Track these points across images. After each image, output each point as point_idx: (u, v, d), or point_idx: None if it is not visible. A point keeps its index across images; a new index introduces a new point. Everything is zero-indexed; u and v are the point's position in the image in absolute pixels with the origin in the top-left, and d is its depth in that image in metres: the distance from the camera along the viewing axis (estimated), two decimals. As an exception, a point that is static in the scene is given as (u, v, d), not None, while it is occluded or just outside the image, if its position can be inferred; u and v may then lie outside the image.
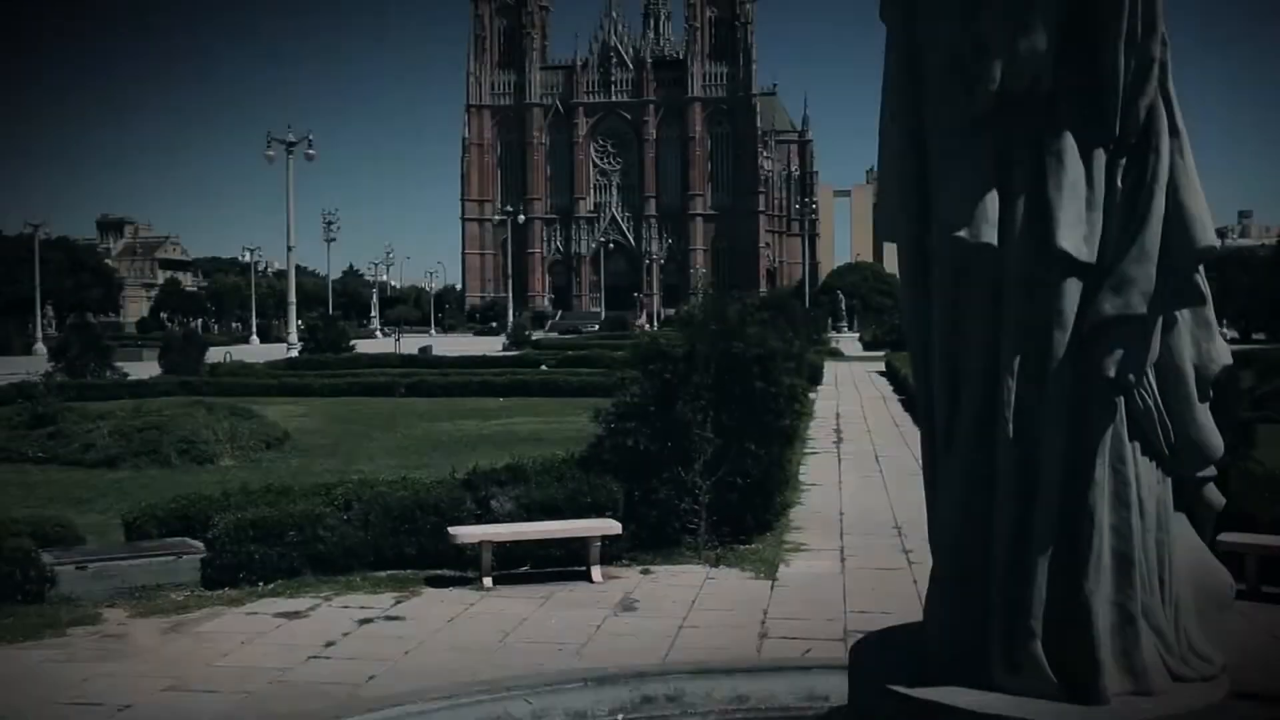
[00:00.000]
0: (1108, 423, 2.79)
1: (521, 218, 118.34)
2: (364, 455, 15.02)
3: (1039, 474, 2.83)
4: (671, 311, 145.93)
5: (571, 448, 15.44)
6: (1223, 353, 2.99)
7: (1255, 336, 73.68)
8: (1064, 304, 2.69)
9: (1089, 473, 2.78)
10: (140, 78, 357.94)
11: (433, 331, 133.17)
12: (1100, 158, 2.59)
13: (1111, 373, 2.74)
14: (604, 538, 8.15)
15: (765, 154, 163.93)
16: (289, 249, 40.62)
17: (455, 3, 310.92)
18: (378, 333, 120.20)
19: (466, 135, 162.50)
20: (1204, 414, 2.87)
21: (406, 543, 8.19)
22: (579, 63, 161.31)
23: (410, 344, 56.13)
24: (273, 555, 7.76)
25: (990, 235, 2.65)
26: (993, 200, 2.58)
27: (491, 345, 68.91)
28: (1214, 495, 2.96)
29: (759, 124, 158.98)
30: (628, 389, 9.02)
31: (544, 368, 36.01)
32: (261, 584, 7.74)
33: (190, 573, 7.67)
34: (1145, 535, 2.85)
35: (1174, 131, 2.73)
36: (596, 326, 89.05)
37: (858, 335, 77.21)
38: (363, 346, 51.65)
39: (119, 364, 28.24)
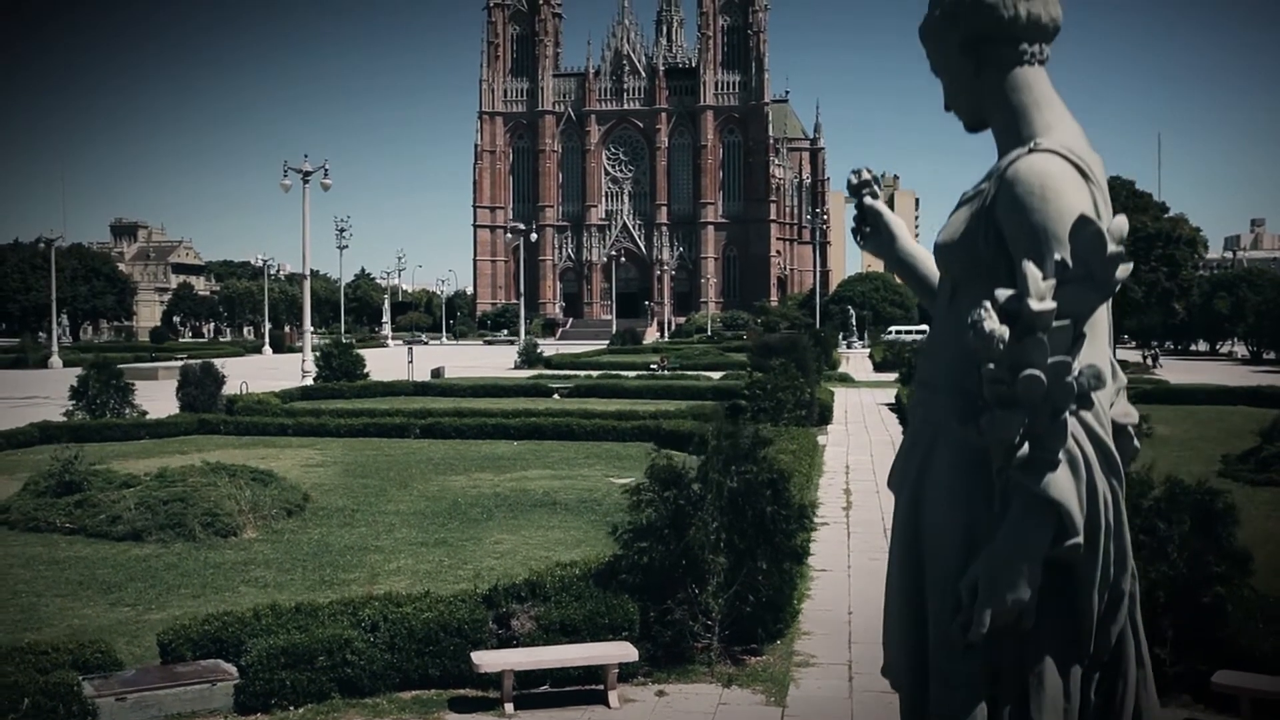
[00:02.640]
0: None
1: (534, 236, 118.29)
2: (384, 524, 15.32)
3: None
4: (683, 320, 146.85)
5: (586, 515, 15.88)
6: None
7: (1266, 356, 73.72)
8: None
9: None
10: (154, 82, 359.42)
11: (444, 339, 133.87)
12: (1076, 674, 2.89)
13: None
14: (620, 664, 8.47)
15: (777, 162, 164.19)
16: (305, 276, 40.97)
17: (469, 10, 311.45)
18: (389, 340, 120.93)
19: (479, 142, 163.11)
20: None
21: (431, 664, 8.50)
22: (591, 70, 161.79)
23: (422, 357, 56.34)
24: (303, 680, 8.06)
25: None
26: (982, 712, 2.88)
27: (503, 359, 69.29)
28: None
29: (770, 132, 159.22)
30: (643, 510, 9.31)
31: (556, 397, 36.55)
32: (292, 709, 8.05)
33: (224, 699, 7.99)
34: None
35: (1140, 662, 3.02)
36: (607, 342, 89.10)
37: (868, 351, 77.35)
38: (375, 360, 52.04)
39: (136, 387, 28.43)
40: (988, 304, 2.71)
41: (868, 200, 3.75)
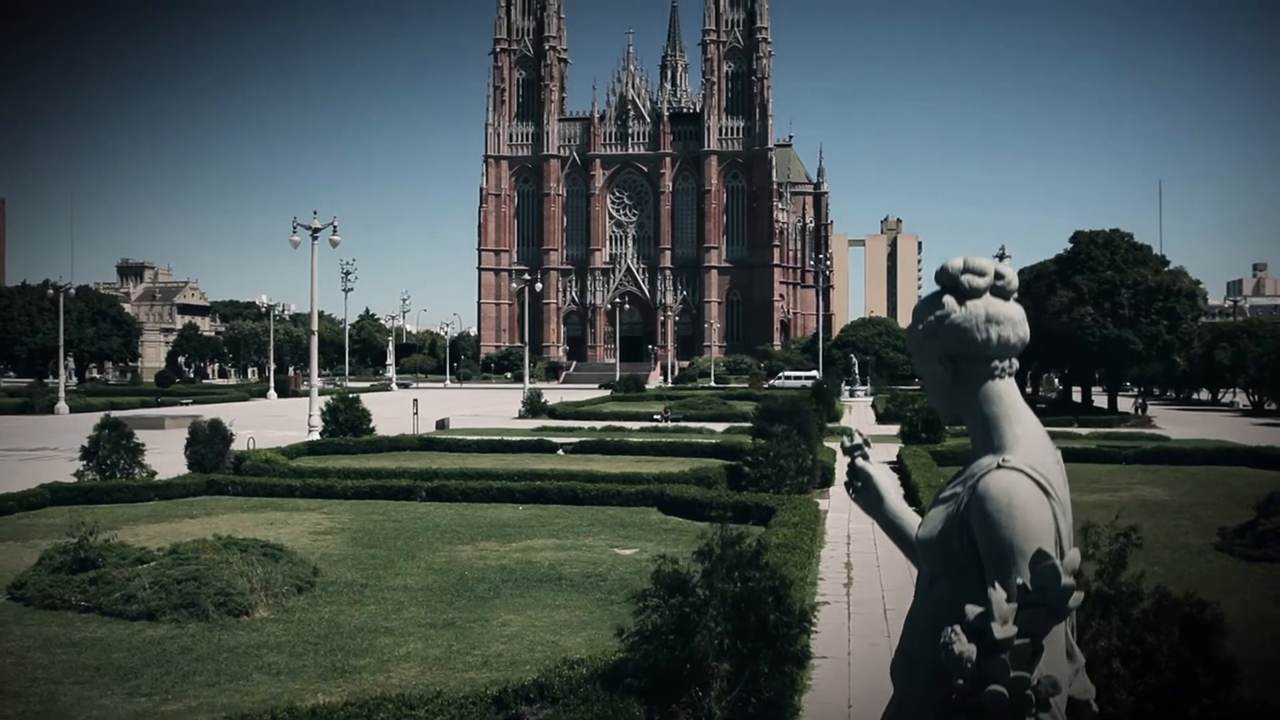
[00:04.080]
0: None
1: (539, 286, 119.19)
2: (392, 602, 15.58)
3: None
4: (686, 364, 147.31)
5: (591, 593, 16.14)
6: None
7: (1268, 407, 73.94)
8: None
9: None
10: (162, 123, 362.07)
11: (448, 381, 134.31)
12: None
13: None
14: (626, 772, 8.73)
15: (780, 206, 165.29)
16: (312, 332, 41.34)
17: (475, 56, 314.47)
18: (393, 384, 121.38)
19: (484, 185, 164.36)
20: None
21: (444, 768, 8.78)
22: (596, 115, 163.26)
23: (426, 404, 56.76)
24: (319, 786, 8.34)
25: None
26: None
27: (506, 406, 69.66)
28: None
29: (774, 176, 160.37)
30: (649, 615, 9.58)
31: (560, 453, 36.86)
32: (308, 815, 8.31)
33: (242, 805, 8.26)
34: None
35: None
36: (610, 389, 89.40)
37: (870, 400, 77.55)
38: (380, 406, 52.43)
39: (145, 446, 28.67)
40: (957, 627, 3.04)
41: (860, 462, 4.11)
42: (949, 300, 3.58)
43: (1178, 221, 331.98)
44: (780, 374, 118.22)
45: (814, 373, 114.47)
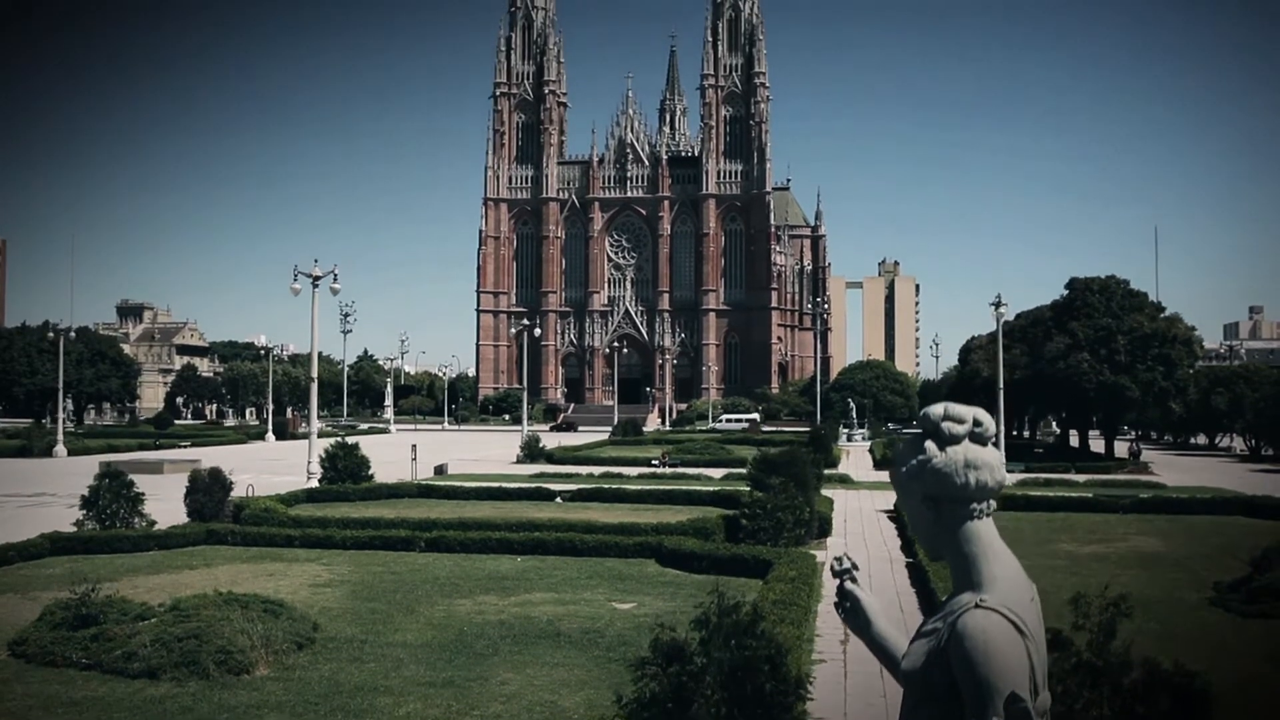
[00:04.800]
0: None
1: (538, 331, 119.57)
2: (391, 660, 15.66)
3: None
4: (684, 406, 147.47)
5: (589, 650, 16.23)
6: None
7: (1265, 452, 74.07)
8: None
9: None
10: (163, 163, 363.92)
11: (446, 423, 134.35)
12: None
13: None
14: (624, 840, 8.83)
15: (778, 249, 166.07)
16: (311, 380, 41.50)
17: (475, 98, 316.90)
18: (391, 426, 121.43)
19: (483, 228, 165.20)
20: None
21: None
22: (595, 158, 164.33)
23: (425, 447, 56.92)
24: None
25: None
26: None
27: (505, 449, 69.70)
28: None
29: (772, 219, 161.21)
30: (647, 685, 9.71)
31: (558, 500, 36.95)
32: None
33: None
34: None
35: None
36: (609, 430, 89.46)
37: (868, 444, 77.63)
38: (378, 450, 52.50)
39: (145, 495, 28.73)
40: None
41: (848, 585, 4.30)
42: (930, 445, 3.79)
43: (1174, 263, 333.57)
44: (721, 417, 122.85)
45: (754, 415, 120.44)
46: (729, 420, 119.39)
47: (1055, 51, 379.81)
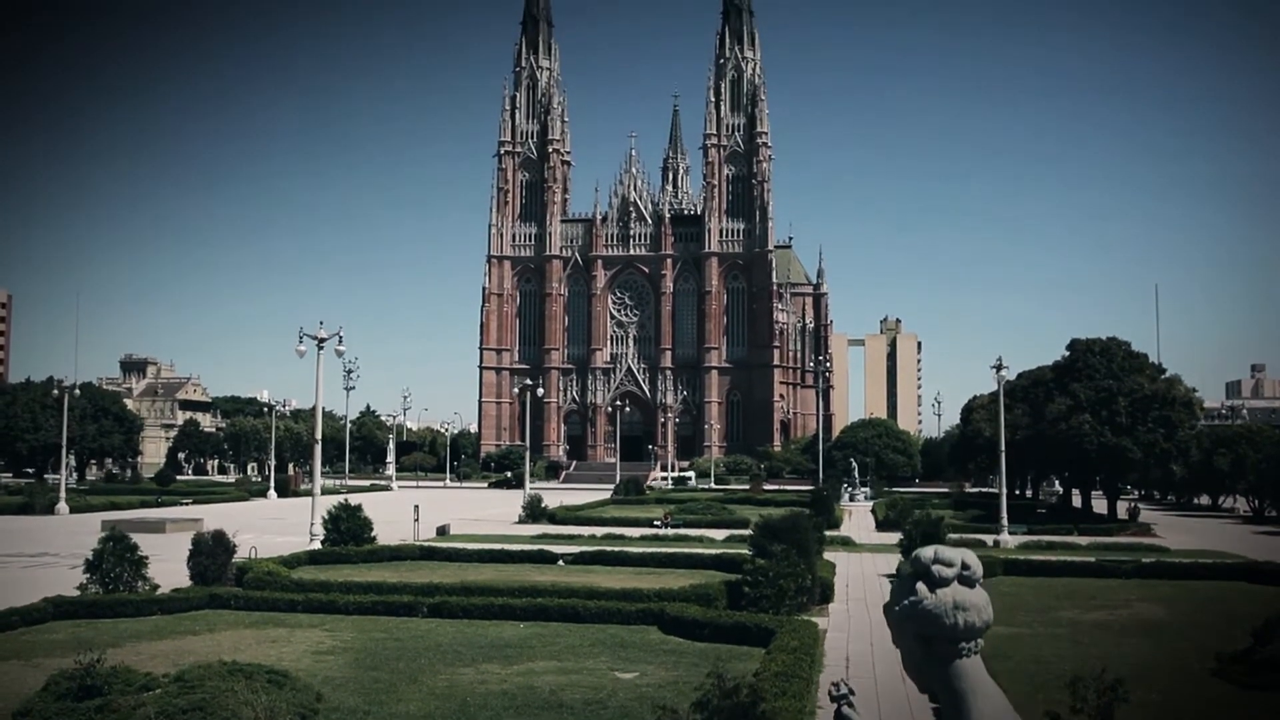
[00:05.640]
0: None
1: (540, 391, 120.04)
2: (394, 732, 15.70)
3: None
4: (686, 464, 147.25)
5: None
6: None
7: (1268, 514, 73.85)
8: None
9: None
10: (168, 218, 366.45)
11: (448, 480, 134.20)
12: None
13: None
14: None
15: (780, 307, 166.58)
16: (315, 441, 41.66)
17: (480, 156, 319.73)
18: (393, 484, 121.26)
19: (487, 285, 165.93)
20: None
21: None
22: (598, 216, 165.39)
23: (426, 506, 56.97)
24: None
25: None
26: None
27: (507, 508, 69.56)
28: None
29: (774, 277, 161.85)
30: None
31: (560, 563, 36.96)
32: None
33: None
34: None
35: None
36: (610, 492, 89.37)
37: (871, 504, 77.49)
38: (380, 508, 52.59)
39: (148, 558, 28.78)
40: None
41: (845, 710, 4.49)
42: (921, 587, 3.99)
43: (1176, 320, 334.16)
44: (660, 473, 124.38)
45: (683, 472, 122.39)
46: (668, 479, 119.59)
47: (1056, 113, 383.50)
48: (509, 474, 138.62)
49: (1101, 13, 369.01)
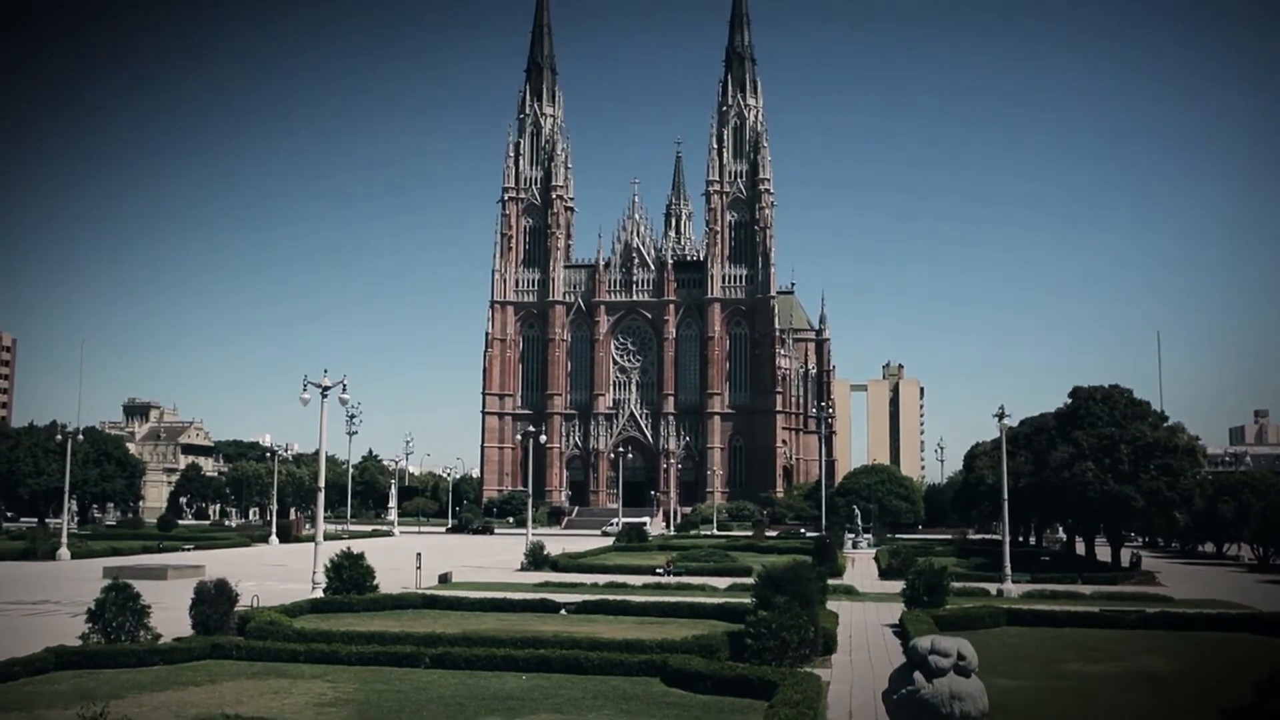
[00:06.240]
0: None
1: (544, 438, 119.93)
2: (396, 787, 15.66)
3: None
4: (688, 510, 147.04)
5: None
6: None
7: (1274, 561, 73.57)
8: None
9: None
10: (173, 264, 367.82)
11: (450, 525, 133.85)
12: None
13: None
14: None
15: (782, 353, 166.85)
16: (319, 489, 41.71)
17: (484, 202, 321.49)
18: (395, 529, 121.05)
19: (490, 330, 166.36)
20: None
21: None
22: (601, 262, 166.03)
23: (429, 553, 56.87)
24: None
25: None
26: None
27: (509, 555, 69.40)
28: None
29: (776, 323, 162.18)
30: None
31: (563, 613, 36.91)
32: None
33: None
34: None
35: None
36: (613, 539, 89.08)
37: (873, 552, 77.26)
38: (382, 556, 52.50)
39: (150, 608, 28.76)
40: None
41: None
42: (919, 676, 4.11)
43: (1178, 366, 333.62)
44: (612, 521, 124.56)
45: (636, 519, 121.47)
46: (614, 524, 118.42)
47: (1057, 160, 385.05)
48: (511, 519, 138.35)
49: (1102, 62, 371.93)
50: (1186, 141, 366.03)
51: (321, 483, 41.69)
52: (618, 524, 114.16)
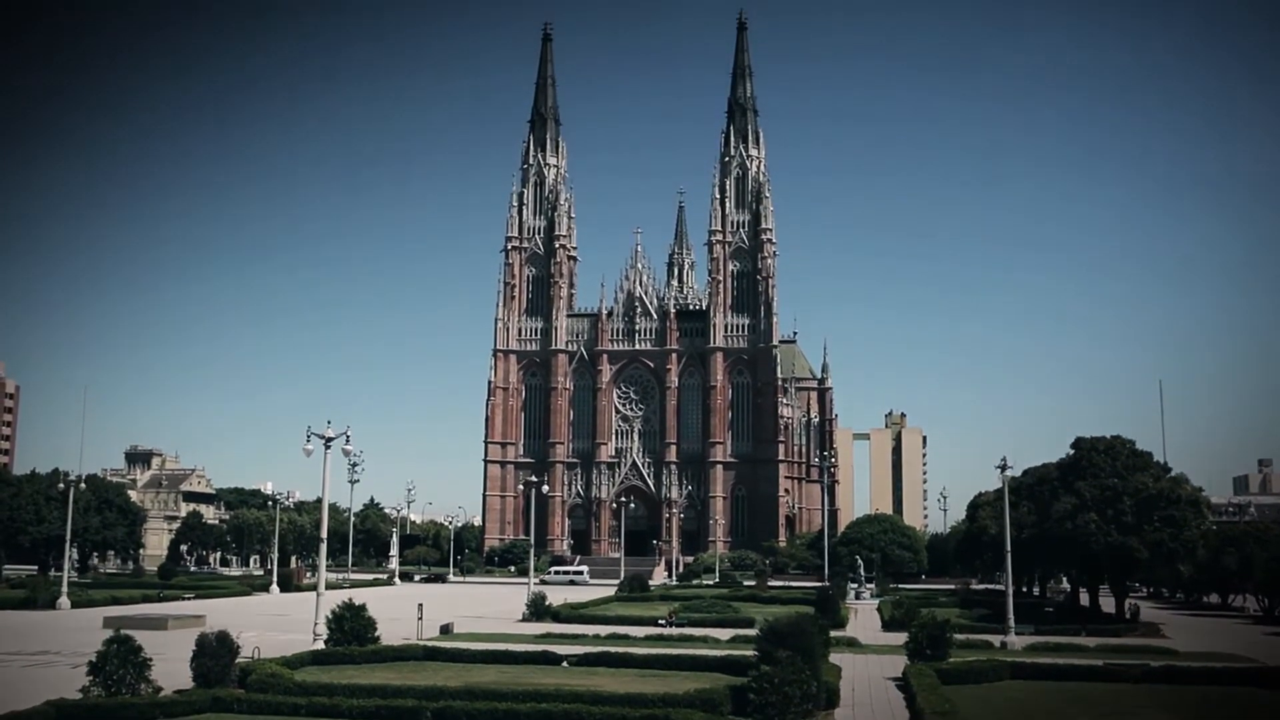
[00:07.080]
0: None
1: (546, 488, 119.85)
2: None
3: None
4: (691, 559, 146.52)
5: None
6: None
7: (1278, 614, 73.17)
8: None
9: None
10: (175, 310, 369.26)
11: (451, 574, 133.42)
12: None
13: None
14: None
15: (785, 401, 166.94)
16: (321, 539, 41.78)
17: (487, 251, 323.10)
18: (396, 578, 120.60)
19: (492, 379, 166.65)
20: None
21: None
22: (604, 311, 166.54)
23: (430, 603, 56.68)
24: None
25: None
26: None
27: (510, 604, 69.17)
28: None
29: (779, 372, 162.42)
30: None
31: (565, 665, 36.83)
32: None
33: None
34: None
35: None
36: (615, 589, 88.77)
37: (876, 602, 76.96)
38: (384, 605, 52.31)
39: (152, 660, 28.69)
40: None
41: None
42: None
43: (1181, 415, 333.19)
44: (551, 569, 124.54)
45: (572, 568, 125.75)
46: (557, 573, 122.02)
47: (1058, 205, 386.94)
48: (513, 568, 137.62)
49: (1107, 110, 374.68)
50: (1190, 189, 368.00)
51: (324, 533, 41.75)
52: (585, 573, 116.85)
